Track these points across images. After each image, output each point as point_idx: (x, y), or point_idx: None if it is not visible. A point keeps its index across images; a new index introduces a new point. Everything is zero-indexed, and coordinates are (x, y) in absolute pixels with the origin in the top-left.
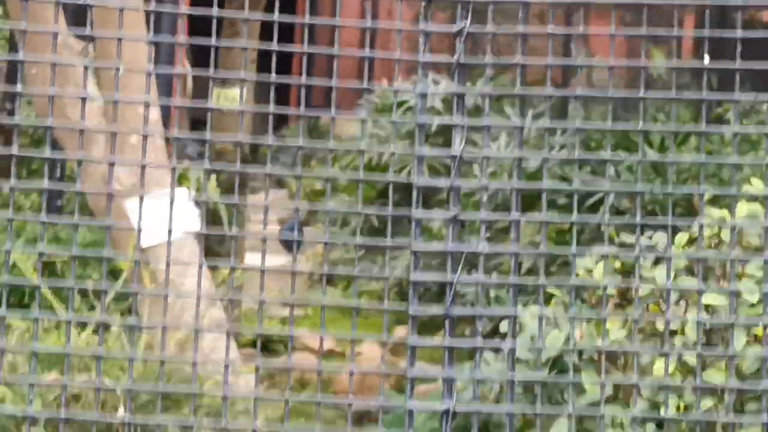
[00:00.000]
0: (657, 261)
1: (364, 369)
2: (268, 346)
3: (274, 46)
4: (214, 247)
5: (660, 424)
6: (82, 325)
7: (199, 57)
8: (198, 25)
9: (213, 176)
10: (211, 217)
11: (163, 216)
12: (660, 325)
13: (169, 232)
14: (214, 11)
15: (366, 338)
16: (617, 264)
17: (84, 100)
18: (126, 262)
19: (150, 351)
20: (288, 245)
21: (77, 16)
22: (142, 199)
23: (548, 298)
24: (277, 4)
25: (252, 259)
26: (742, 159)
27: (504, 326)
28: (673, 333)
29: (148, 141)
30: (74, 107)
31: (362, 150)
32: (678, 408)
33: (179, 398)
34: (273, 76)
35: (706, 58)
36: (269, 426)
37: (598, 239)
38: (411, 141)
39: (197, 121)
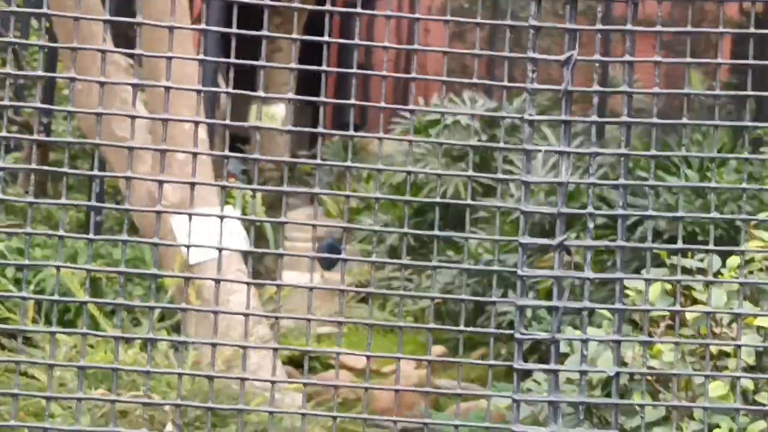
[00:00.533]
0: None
1: (405, 387)
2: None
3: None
4: (254, 264)
5: None
6: (130, 341)
7: (236, 74)
8: (237, 42)
9: (259, 194)
10: (254, 234)
11: (210, 233)
12: (713, 348)
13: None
14: (266, 28)
15: (407, 357)
16: (668, 286)
17: (133, 119)
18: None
19: (197, 367)
20: (324, 263)
21: (123, 32)
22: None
23: (592, 319)
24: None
25: (288, 276)
26: None
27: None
28: (726, 355)
29: (195, 158)
30: (120, 122)
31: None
32: (731, 430)
33: (226, 415)
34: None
35: None
36: None
37: (638, 258)
38: (448, 159)
39: (235, 138)
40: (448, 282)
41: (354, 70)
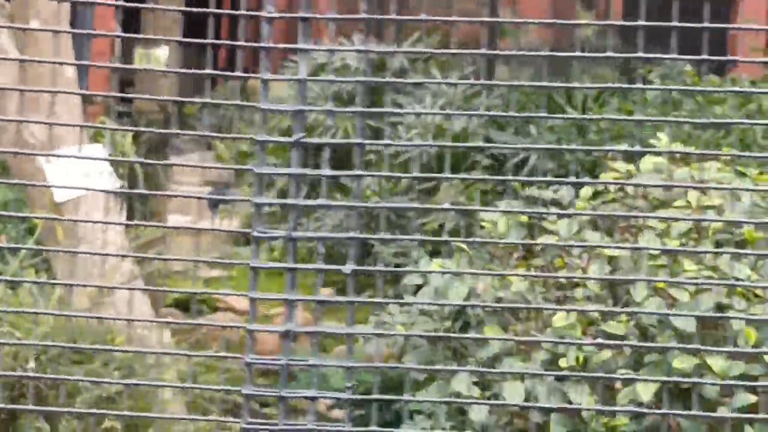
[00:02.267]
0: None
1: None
2: (190, 306)
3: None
4: (137, 205)
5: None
6: None
7: (126, 17)
8: None
9: (129, 134)
10: (133, 176)
11: (78, 172)
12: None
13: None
14: None
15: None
16: (523, 217)
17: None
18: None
19: (62, 303)
20: (212, 209)
21: None
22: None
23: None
24: None
25: (175, 220)
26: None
27: (410, 279)
28: (576, 285)
29: (63, 97)
30: None
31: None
32: (577, 360)
33: (90, 352)
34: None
35: None
36: (181, 379)
37: (507, 195)
38: (336, 103)
39: (124, 83)
40: (336, 224)
41: (242, 12)
